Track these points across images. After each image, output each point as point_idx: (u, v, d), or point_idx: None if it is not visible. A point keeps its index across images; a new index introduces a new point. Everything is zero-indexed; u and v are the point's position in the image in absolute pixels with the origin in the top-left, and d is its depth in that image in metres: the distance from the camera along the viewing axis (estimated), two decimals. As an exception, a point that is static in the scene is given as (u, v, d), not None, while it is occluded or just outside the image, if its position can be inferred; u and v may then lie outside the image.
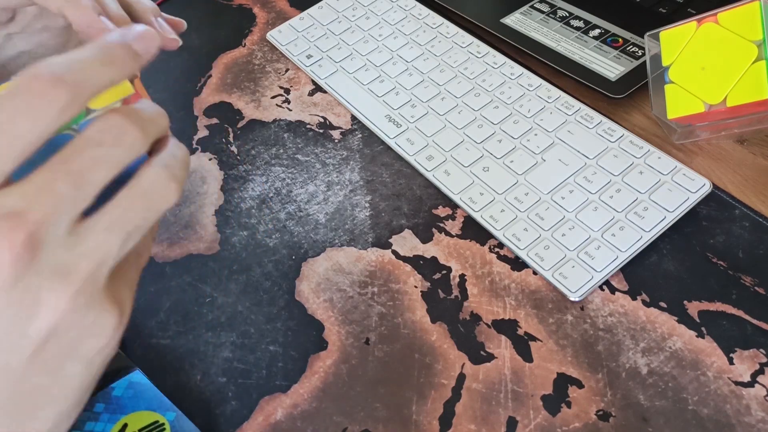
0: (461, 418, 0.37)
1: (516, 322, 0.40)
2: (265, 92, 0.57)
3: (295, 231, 0.47)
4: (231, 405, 0.38)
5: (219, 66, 0.60)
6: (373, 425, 0.37)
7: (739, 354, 0.38)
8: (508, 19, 0.58)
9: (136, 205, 0.23)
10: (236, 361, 0.40)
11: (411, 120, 0.51)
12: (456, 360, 0.39)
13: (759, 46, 0.42)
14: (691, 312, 0.40)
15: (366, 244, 0.45)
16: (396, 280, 0.43)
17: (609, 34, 0.55)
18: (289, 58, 0.59)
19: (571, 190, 0.45)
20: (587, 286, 0.40)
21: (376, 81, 0.55)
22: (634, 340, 0.39)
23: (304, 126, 0.54)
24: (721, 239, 0.43)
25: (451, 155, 0.48)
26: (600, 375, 0.38)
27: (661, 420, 0.36)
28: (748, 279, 0.41)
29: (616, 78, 0.51)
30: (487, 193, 0.46)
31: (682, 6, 0.56)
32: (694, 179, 0.44)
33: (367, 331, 0.41)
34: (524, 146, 0.48)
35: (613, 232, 0.42)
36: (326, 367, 0.39)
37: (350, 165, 0.50)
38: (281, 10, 0.65)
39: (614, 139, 0.47)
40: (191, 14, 0.66)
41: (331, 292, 0.43)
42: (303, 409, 0.38)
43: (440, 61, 0.55)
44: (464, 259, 0.43)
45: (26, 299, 0.20)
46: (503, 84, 0.52)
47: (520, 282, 0.42)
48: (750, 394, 0.36)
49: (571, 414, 0.36)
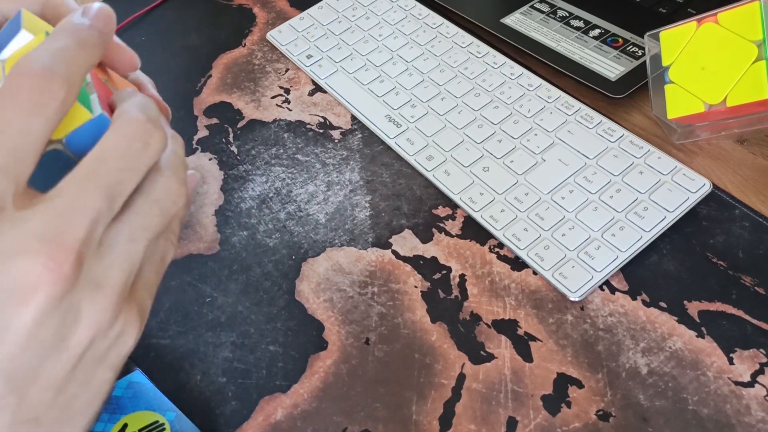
0: (461, 418, 0.37)
1: (516, 322, 0.40)
2: (265, 92, 0.57)
3: (295, 231, 0.47)
4: (231, 405, 0.38)
5: (219, 66, 0.60)
6: (373, 425, 0.37)
7: (739, 354, 0.38)
8: (508, 19, 0.58)
9: (153, 212, 0.23)
10: (236, 361, 0.40)
11: (411, 120, 0.51)
12: (456, 360, 0.39)
13: (759, 46, 0.42)
14: (691, 312, 0.40)
15: (366, 244, 0.45)
16: (396, 280, 0.43)
17: (609, 34, 0.55)
18: (289, 58, 0.59)
19: (571, 190, 0.45)
20: (587, 286, 0.40)
21: (376, 81, 0.55)
22: (634, 340, 0.39)
23: (304, 126, 0.54)
24: (721, 239, 0.43)
25: (451, 155, 0.48)
26: (600, 375, 0.38)
27: (661, 420, 0.36)
28: (748, 279, 0.41)
29: (616, 78, 0.51)
30: (487, 193, 0.46)
31: (682, 6, 0.56)
32: (694, 179, 0.44)
33: (367, 331, 0.41)
34: (524, 146, 0.48)
35: (613, 232, 0.42)
36: (326, 367, 0.39)
37: (350, 165, 0.50)
38: (281, 10, 0.65)
39: (614, 139, 0.47)
40: (191, 14, 0.66)
41: (331, 292, 0.43)
42: (303, 409, 0.38)
43: (440, 61, 0.55)
44: (464, 259, 0.43)
45: (69, 315, 0.21)
46: (503, 84, 0.52)
47: (520, 282, 0.42)
48: (750, 394, 0.36)
49: (571, 414, 0.36)
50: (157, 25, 0.66)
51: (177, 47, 0.62)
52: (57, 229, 0.20)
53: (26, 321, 0.20)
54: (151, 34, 0.64)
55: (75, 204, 0.20)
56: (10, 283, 0.19)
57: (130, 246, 0.22)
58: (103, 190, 0.21)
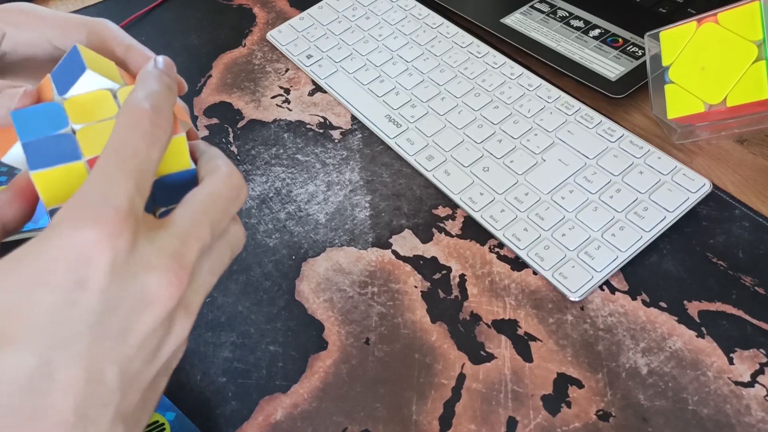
0: (461, 418, 0.37)
1: (516, 322, 0.40)
2: (265, 92, 0.57)
3: (295, 231, 0.47)
4: (231, 405, 0.38)
5: (219, 66, 0.60)
6: (373, 425, 0.37)
7: (739, 354, 0.38)
8: (508, 19, 0.58)
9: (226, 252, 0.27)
10: (236, 361, 0.40)
11: (411, 120, 0.51)
12: (456, 360, 0.39)
13: (759, 46, 0.42)
14: (691, 312, 0.40)
15: (366, 244, 0.45)
16: (396, 280, 0.43)
17: (609, 34, 0.55)
18: (289, 58, 0.59)
19: (571, 190, 0.45)
20: (587, 286, 0.40)
21: (376, 81, 0.55)
22: (634, 340, 0.39)
23: (304, 126, 0.54)
24: (721, 239, 0.43)
25: (451, 155, 0.48)
26: (600, 375, 0.38)
27: (661, 420, 0.36)
28: (748, 279, 0.41)
29: (616, 78, 0.51)
30: (487, 193, 0.46)
31: (682, 6, 0.56)
32: (694, 179, 0.44)
33: (367, 331, 0.41)
34: (524, 146, 0.48)
35: (613, 232, 0.42)
36: (326, 367, 0.39)
37: (350, 165, 0.50)
38: (281, 10, 0.65)
39: (614, 139, 0.47)
40: (191, 14, 0.66)
41: (331, 292, 0.43)
42: (303, 409, 0.38)
43: (440, 61, 0.55)
44: (464, 259, 0.43)
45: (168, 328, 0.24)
46: (503, 84, 0.52)
47: (520, 282, 0.42)
48: (750, 394, 0.36)
49: (571, 414, 0.36)
50: (157, 25, 0.66)
51: (177, 47, 0.62)
52: (180, 251, 0.23)
53: (146, 326, 0.23)
54: (151, 34, 0.64)
55: (191, 232, 0.24)
56: (140, 292, 0.22)
57: (209, 277, 0.26)
58: (211, 226, 0.25)
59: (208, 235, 0.25)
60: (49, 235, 0.21)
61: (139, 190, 0.23)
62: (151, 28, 0.65)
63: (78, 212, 0.22)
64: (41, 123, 0.26)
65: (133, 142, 0.23)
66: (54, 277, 0.21)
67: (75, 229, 0.21)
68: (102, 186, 0.22)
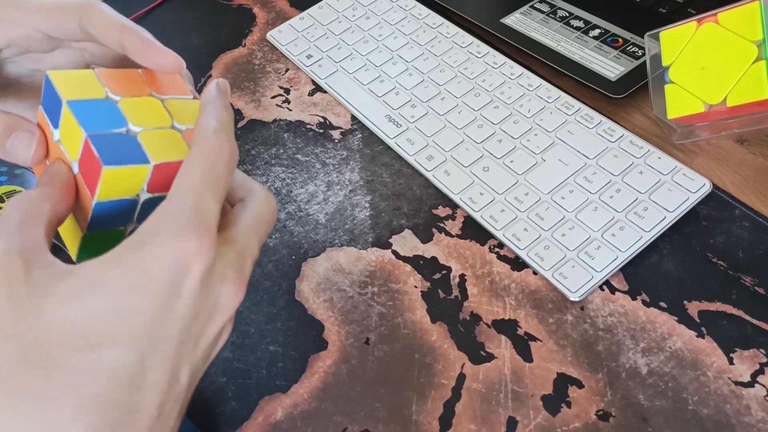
0: (461, 418, 0.37)
1: (516, 322, 0.40)
2: (265, 92, 0.57)
3: (295, 231, 0.47)
4: (231, 405, 0.38)
5: (219, 66, 0.60)
6: (373, 425, 0.37)
7: (739, 354, 0.38)
8: (508, 19, 0.58)
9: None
10: (236, 361, 0.40)
11: (411, 120, 0.51)
12: (456, 360, 0.39)
13: (759, 46, 0.42)
14: (691, 312, 0.40)
15: (366, 244, 0.45)
16: (396, 280, 0.43)
17: (609, 34, 0.55)
18: (289, 58, 0.59)
19: (571, 190, 0.45)
20: (587, 286, 0.40)
21: (376, 81, 0.55)
22: (634, 340, 0.39)
23: (304, 126, 0.54)
24: (721, 239, 0.43)
25: (451, 155, 0.48)
26: (600, 375, 0.38)
27: (661, 420, 0.36)
28: (748, 279, 0.41)
29: (616, 78, 0.51)
30: (487, 193, 0.46)
31: (682, 6, 0.56)
32: (694, 179, 0.44)
33: (367, 331, 0.41)
34: (524, 146, 0.48)
35: (613, 232, 0.42)
36: (326, 367, 0.39)
37: (350, 165, 0.50)
38: (281, 10, 0.65)
39: (614, 139, 0.47)
40: (191, 14, 0.66)
41: (331, 292, 0.43)
42: (303, 409, 0.38)
43: (440, 61, 0.55)
44: (464, 259, 0.43)
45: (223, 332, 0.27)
46: (503, 84, 0.52)
47: (520, 282, 0.42)
48: (750, 394, 0.36)
49: (571, 414, 0.36)
50: (157, 25, 0.66)
51: (177, 47, 0.62)
52: (242, 266, 0.26)
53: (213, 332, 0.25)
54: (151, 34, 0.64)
55: (247, 250, 0.27)
56: (215, 301, 0.25)
57: None
58: (259, 244, 0.28)
59: (258, 252, 0.28)
60: (149, 243, 0.23)
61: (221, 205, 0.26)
62: (151, 28, 0.65)
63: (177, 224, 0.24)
64: (101, 117, 0.27)
65: (218, 170, 0.26)
66: (155, 283, 0.23)
67: (178, 240, 0.23)
68: (197, 204, 0.25)
